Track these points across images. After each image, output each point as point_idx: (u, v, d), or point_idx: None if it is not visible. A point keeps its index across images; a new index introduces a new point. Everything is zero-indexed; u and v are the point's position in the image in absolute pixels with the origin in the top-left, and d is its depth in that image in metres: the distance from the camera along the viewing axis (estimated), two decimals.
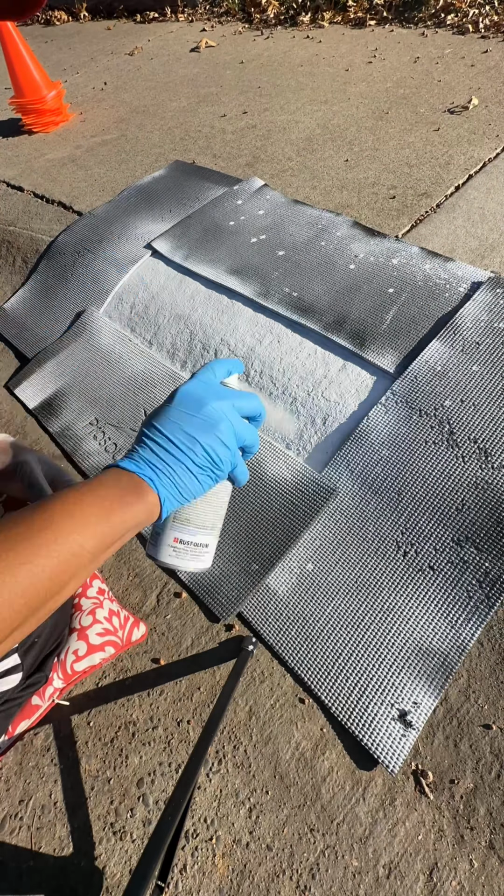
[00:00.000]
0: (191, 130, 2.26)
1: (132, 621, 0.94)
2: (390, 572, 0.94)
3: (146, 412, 1.30)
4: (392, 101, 2.12)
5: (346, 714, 0.84)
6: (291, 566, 1.00)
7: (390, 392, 1.10)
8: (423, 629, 0.88)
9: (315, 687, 0.88)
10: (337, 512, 1.03)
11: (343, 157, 1.86)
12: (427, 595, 0.90)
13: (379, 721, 0.83)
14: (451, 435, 1.01)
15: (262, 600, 0.98)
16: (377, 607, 0.92)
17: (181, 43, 3.26)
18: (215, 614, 0.98)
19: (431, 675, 0.84)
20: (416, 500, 0.98)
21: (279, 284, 1.39)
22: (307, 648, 0.91)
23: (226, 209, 1.71)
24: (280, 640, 0.93)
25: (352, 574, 0.96)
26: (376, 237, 1.46)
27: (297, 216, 1.61)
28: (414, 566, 0.93)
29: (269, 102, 2.34)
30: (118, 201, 1.90)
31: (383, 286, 1.31)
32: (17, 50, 2.35)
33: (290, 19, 3.19)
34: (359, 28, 2.89)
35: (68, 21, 4.31)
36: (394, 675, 0.86)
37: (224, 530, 1.07)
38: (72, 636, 0.86)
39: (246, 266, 1.48)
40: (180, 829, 0.59)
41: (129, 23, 3.89)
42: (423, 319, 1.21)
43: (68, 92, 2.86)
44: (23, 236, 1.90)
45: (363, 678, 0.87)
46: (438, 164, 1.71)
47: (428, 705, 0.83)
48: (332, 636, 0.91)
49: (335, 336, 1.23)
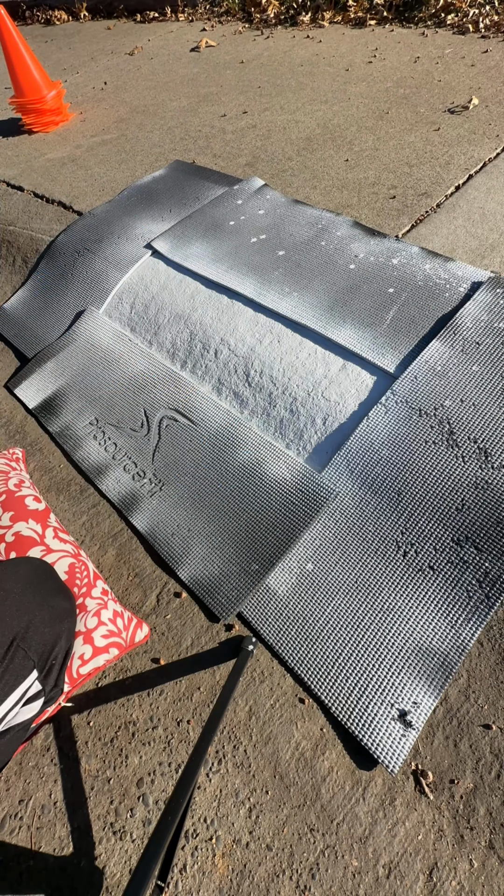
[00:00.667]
0: (191, 130, 2.26)
1: (135, 622, 0.94)
2: (390, 572, 0.94)
3: (146, 412, 1.30)
4: (392, 101, 2.12)
5: (345, 714, 0.84)
6: (291, 566, 1.00)
7: (390, 392, 1.10)
8: (422, 629, 0.88)
9: (315, 687, 0.88)
10: (337, 512, 1.03)
11: (343, 156, 1.86)
12: (427, 595, 0.90)
13: (379, 721, 0.83)
14: (450, 435, 1.01)
15: (262, 600, 0.98)
16: (377, 607, 0.92)
17: (181, 43, 3.26)
18: (215, 614, 0.98)
19: (431, 675, 0.84)
20: (415, 500, 0.98)
21: (279, 284, 1.39)
22: (307, 648, 0.91)
23: (226, 209, 1.71)
24: (280, 639, 0.93)
25: (352, 574, 0.96)
26: (376, 237, 1.46)
27: (298, 216, 1.61)
28: (414, 566, 0.93)
29: (269, 102, 2.34)
30: (118, 201, 1.90)
31: (383, 286, 1.31)
32: (17, 50, 2.35)
33: (291, 19, 3.19)
34: (359, 28, 2.89)
35: (68, 21, 4.31)
36: (394, 675, 0.86)
37: (224, 530, 1.07)
38: (77, 639, 0.85)
39: (246, 265, 1.48)
40: (180, 829, 0.59)
41: (130, 22, 3.89)
42: (424, 319, 1.21)
43: (68, 92, 2.86)
44: (23, 236, 1.90)
45: (363, 678, 0.87)
46: (439, 163, 1.71)
47: (428, 705, 0.83)
48: (331, 636, 0.91)
49: (335, 335, 1.23)
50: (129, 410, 1.33)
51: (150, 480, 1.19)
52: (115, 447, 1.27)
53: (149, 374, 1.38)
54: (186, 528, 1.10)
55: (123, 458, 1.25)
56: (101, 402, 1.37)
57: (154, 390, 1.34)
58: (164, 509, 1.14)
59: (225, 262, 1.51)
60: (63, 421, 1.37)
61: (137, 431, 1.28)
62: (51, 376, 1.48)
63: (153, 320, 1.50)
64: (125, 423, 1.30)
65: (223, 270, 1.49)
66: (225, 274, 1.48)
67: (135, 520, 1.14)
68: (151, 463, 1.22)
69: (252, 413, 1.23)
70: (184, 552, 1.07)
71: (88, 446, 1.30)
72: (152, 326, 1.49)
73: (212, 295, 1.46)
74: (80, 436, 1.32)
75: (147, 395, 1.34)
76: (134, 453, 1.25)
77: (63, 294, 1.70)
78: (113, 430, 1.30)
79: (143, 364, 1.41)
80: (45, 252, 1.83)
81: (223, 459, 1.17)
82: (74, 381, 1.44)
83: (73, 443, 1.32)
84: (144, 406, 1.32)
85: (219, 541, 1.06)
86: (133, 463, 1.23)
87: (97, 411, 1.36)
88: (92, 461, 1.27)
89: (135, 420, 1.30)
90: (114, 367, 1.43)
